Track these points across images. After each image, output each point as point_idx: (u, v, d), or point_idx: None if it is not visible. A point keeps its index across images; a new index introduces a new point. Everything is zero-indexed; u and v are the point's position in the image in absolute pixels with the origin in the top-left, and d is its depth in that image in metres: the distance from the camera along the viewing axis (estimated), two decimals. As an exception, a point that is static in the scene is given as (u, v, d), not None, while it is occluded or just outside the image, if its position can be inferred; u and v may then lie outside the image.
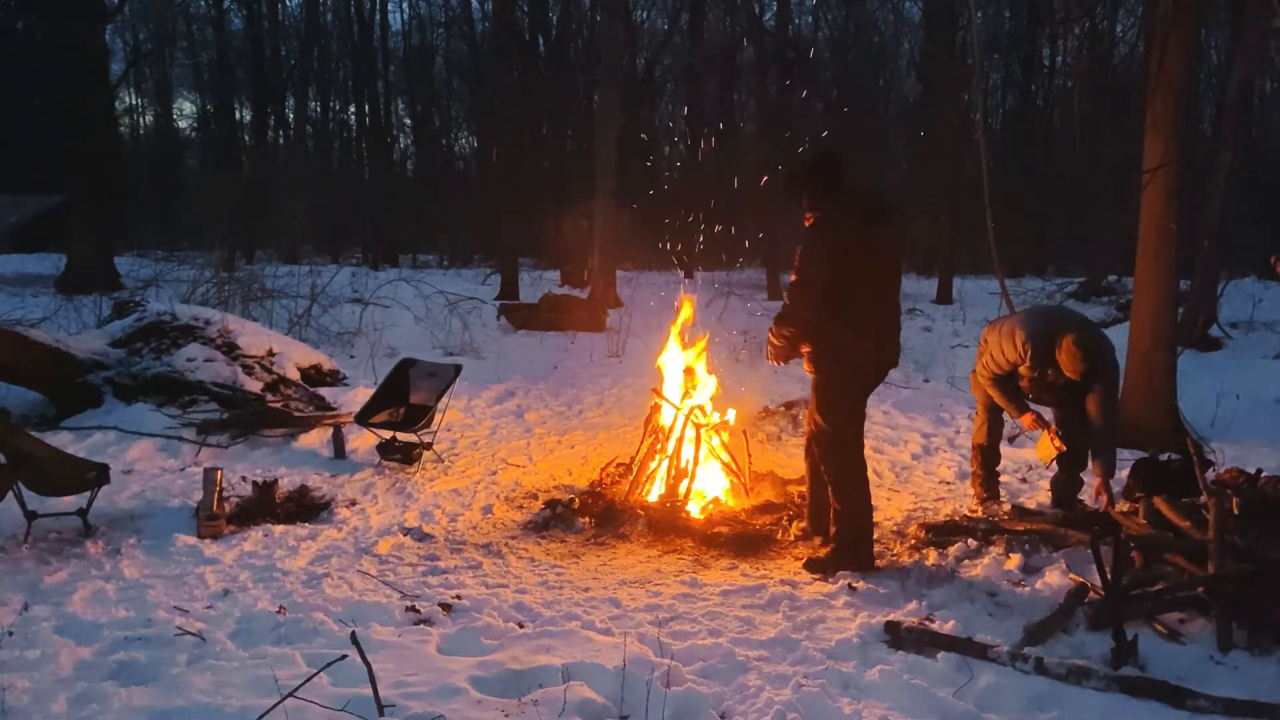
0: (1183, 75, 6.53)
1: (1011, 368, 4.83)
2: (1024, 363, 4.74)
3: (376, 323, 11.67)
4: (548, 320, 12.76)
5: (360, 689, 2.88)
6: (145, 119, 42.29)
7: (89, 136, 15.89)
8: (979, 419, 5.27)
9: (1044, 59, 27.47)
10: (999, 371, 4.89)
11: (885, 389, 8.69)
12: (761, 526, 4.78)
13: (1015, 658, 3.24)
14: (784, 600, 3.86)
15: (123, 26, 32.16)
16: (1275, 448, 6.47)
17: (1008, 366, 4.84)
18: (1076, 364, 4.52)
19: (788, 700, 2.98)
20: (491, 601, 3.82)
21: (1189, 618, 3.58)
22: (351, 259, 29.91)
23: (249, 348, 7.38)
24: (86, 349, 6.99)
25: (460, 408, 7.39)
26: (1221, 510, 3.66)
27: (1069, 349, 4.52)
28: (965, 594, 3.87)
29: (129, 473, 5.67)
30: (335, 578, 4.07)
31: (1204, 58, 18.89)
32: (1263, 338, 11.85)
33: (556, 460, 6.32)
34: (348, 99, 38.33)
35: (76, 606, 3.69)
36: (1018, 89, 30.44)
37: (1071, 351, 4.51)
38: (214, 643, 3.35)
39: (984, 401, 5.18)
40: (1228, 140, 9.67)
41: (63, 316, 10.49)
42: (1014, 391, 4.92)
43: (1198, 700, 2.98)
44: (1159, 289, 6.69)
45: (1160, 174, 6.51)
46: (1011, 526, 4.48)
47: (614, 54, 15.86)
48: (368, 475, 5.82)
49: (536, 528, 4.88)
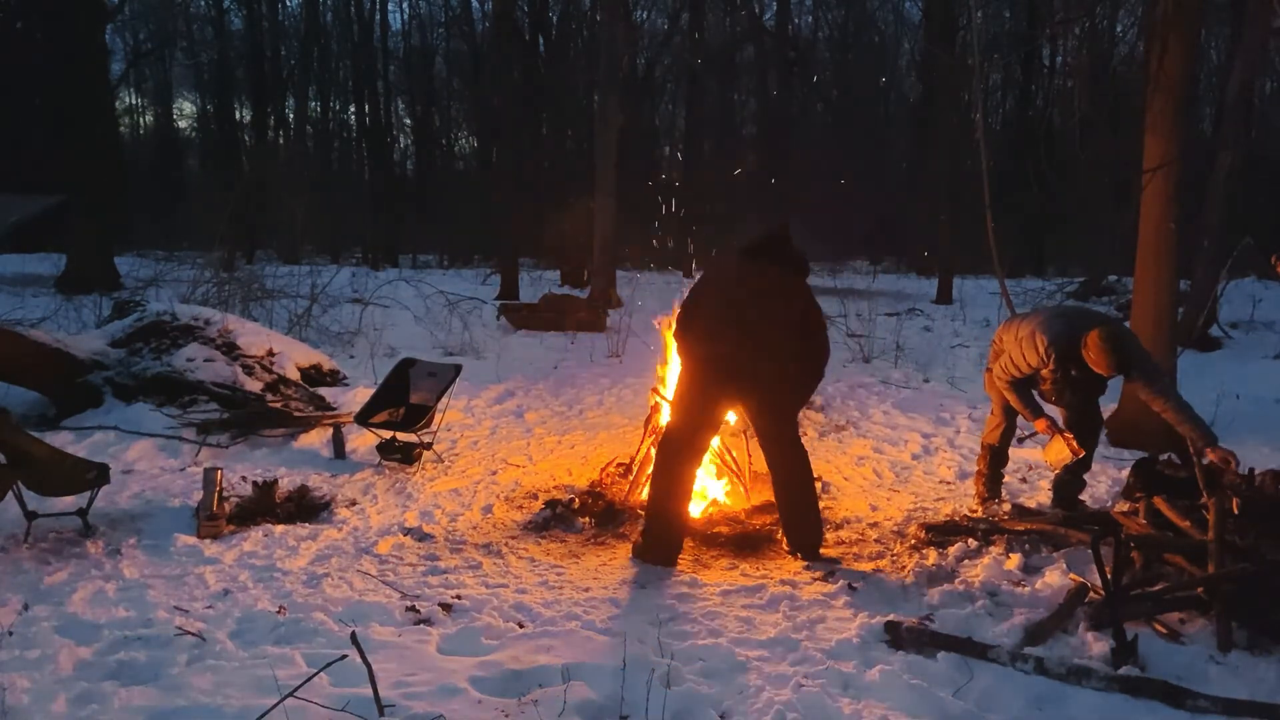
0: (1183, 75, 6.52)
1: (1032, 371, 4.79)
2: (1047, 366, 4.68)
3: (376, 323, 11.68)
4: (548, 320, 12.76)
5: (360, 689, 2.88)
6: (145, 119, 42.34)
7: (89, 136, 15.89)
8: (993, 420, 5.23)
9: (1044, 59, 27.49)
10: (1017, 375, 4.84)
11: (885, 389, 8.74)
12: (761, 526, 4.78)
13: (1015, 658, 3.24)
14: (784, 600, 3.86)
15: (123, 26, 32.24)
16: (1275, 448, 6.47)
17: (1028, 370, 4.79)
18: (1107, 359, 4.44)
19: (788, 700, 2.98)
20: (491, 601, 3.82)
21: (1189, 618, 3.58)
22: (351, 259, 29.92)
23: (249, 348, 7.37)
24: (86, 349, 6.98)
25: (460, 408, 7.39)
26: (1221, 510, 3.67)
27: (1096, 346, 4.45)
28: (965, 594, 3.87)
29: (129, 473, 5.67)
30: (335, 578, 4.07)
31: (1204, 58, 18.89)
32: (1263, 338, 11.86)
33: (556, 460, 6.32)
34: (348, 99, 38.38)
35: (76, 606, 3.69)
36: (1018, 89, 30.46)
37: (1100, 347, 4.44)
38: (214, 643, 3.35)
39: (999, 402, 5.15)
40: (1228, 140, 9.67)
41: (63, 316, 10.50)
42: (1030, 395, 4.90)
43: (1198, 700, 2.98)
44: (1159, 289, 6.69)
45: (1160, 174, 6.51)
46: (1011, 526, 4.48)
47: (614, 54, 15.86)
48: (368, 475, 5.82)
49: (536, 528, 4.88)
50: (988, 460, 5.26)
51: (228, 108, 37.52)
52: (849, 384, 8.80)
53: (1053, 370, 4.71)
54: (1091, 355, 4.48)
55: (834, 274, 23.83)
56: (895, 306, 16.36)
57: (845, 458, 6.43)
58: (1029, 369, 4.77)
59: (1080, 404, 4.89)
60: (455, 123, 39.71)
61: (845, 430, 7.18)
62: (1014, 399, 4.92)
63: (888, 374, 9.65)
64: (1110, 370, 4.50)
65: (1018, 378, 4.85)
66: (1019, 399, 4.89)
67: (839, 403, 7.96)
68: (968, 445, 6.72)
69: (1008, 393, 4.93)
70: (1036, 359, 4.69)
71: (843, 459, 6.40)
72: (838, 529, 4.92)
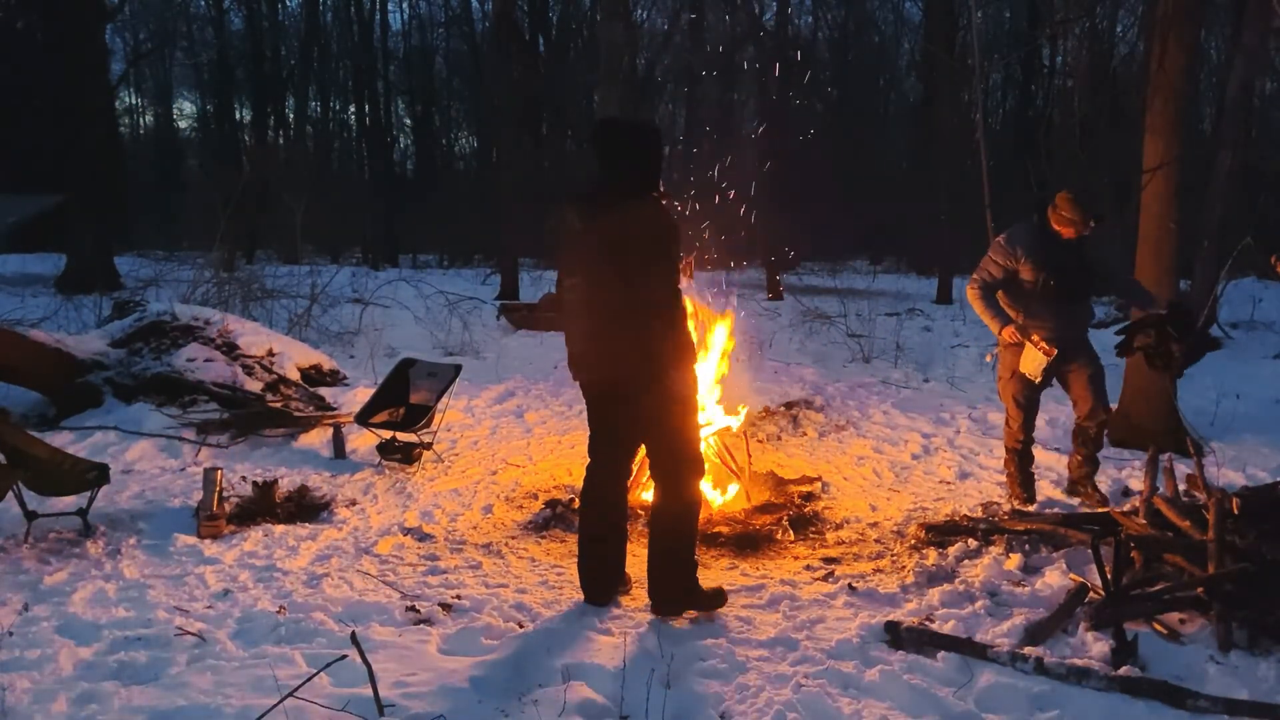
0: (1183, 75, 6.52)
1: (1004, 273, 4.90)
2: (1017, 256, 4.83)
3: (376, 323, 11.68)
4: (548, 320, 12.74)
5: (360, 689, 2.88)
6: (145, 119, 42.38)
7: (89, 136, 15.90)
8: (1012, 422, 5.20)
9: (1044, 59, 27.49)
10: (988, 279, 4.95)
11: (885, 389, 8.74)
12: (761, 526, 4.78)
13: (1015, 658, 3.24)
14: (784, 600, 3.86)
15: (123, 26, 32.19)
16: (1275, 448, 6.47)
17: (998, 272, 4.91)
18: (1075, 209, 4.65)
19: (788, 700, 2.98)
20: (492, 601, 3.82)
21: (1189, 618, 3.58)
22: (351, 259, 29.93)
23: (249, 348, 7.37)
24: (86, 349, 6.99)
25: (460, 408, 7.39)
26: (1221, 510, 3.67)
27: (1065, 201, 4.66)
28: (965, 594, 3.87)
29: (129, 473, 5.67)
30: (335, 578, 4.07)
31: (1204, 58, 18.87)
32: (1263, 338, 11.86)
33: (556, 460, 6.32)
34: (348, 99, 38.40)
35: (76, 606, 3.69)
36: (1018, 89, 30.47)
37: (1068, 201, 4.65)
38: (214, 643, 3.35)
39: (1016, 402, 5.13)
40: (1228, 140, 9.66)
41: (63, 316, 10.50)
42: (995, 303, 4.97)
43: (1198, 700, 2.98)
44: (1159, 289, 6.65)
45: (1160, 174, 6.51)
46: (1011, 526, 4.48)
47: (614, 54, 15.85)
48: (368, 475, 5.82)
49: (536, 527, 4.88)
50: (1015, 463, 5.25)
51: (228, 108, 37.58)
52: (849, 384, 8.80)
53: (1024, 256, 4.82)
54: (1064, 213, 4.69)
55: (834, 274, 23.85)
56: (895, 306, 16.36)
57: (845, 458, 6.43)
58: (1000, 268, 4.90)
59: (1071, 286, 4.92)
60: (455, 123, 39.75)
61: (845, 430, 7.18)
62: (980, 308, 4.98)
63: (888, 374, 9.65)
64: (1083, 218, 4.66)
65: (987, 282, 4.95)
66: (985, 306, 4.96)
67: (839, 403, 7.96)
68: (968, 445, 6.72)
69: (975, 303, 5.01)
70: (1005, 253, 4.84)
71: (843, 459, 6.40)
72: (838, 529, 4.92)
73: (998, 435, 7.02)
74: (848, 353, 10.93)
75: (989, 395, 8.55)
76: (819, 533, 4.85)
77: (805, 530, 4.85)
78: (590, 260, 3.55)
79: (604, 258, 3.49)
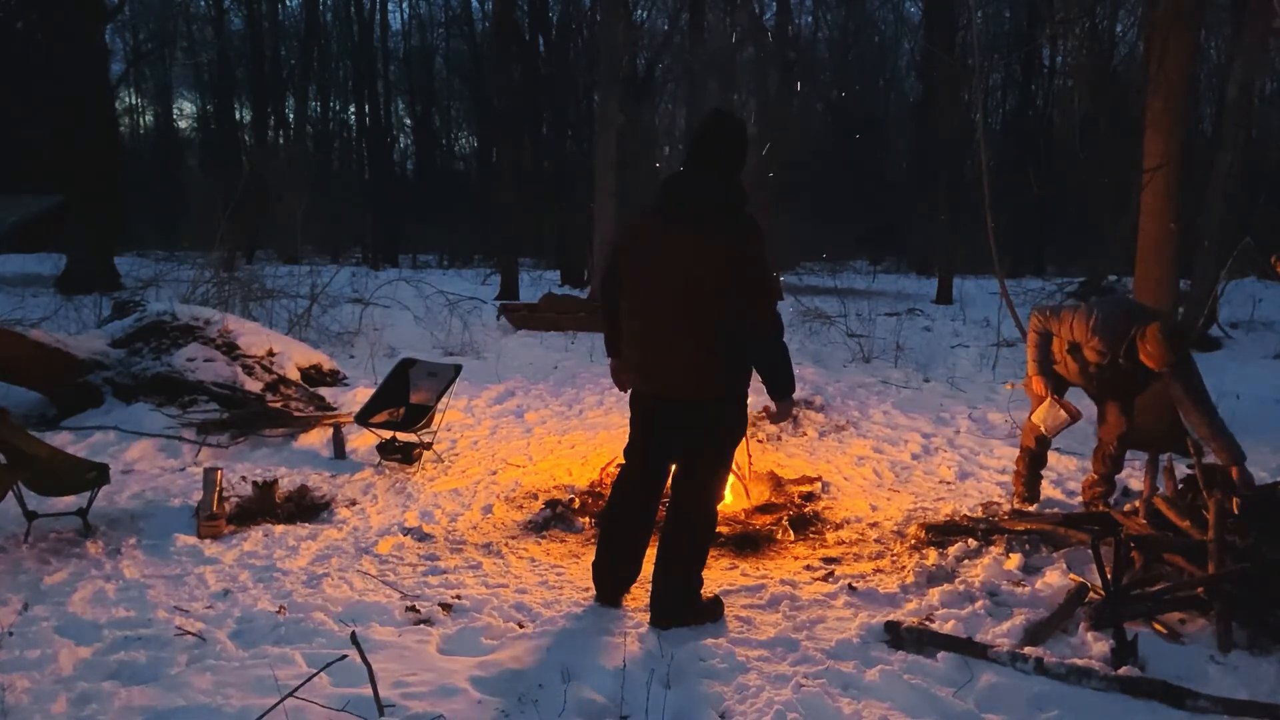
0: (1183, 75, 6.53)
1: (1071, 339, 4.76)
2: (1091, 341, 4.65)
3: (376, 323, 11.69)
4: (548, 320, 12.76)
5: (360, 689, 2.88)
6: (145, 119, 42.40)
7: (89, 136, 15.90)
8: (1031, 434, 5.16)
9: (1044, 59, 27.50)
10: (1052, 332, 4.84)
11: (885, 389, 8.74)
12: (761, 526, 4.78)
13: (1015, 658, 3.24)
14: (784, 600, 3.85)
15: (123, 26, 32.18)
16: (1275, 448, 6.47)
17: (1069, 337, 4.77)
18: (1163, 353, 4.41)
19: (788, 700, 2.98)
20: (491, 601, 3.82)
21: (1189, 618, 3.58)
22: (351, 259, 29.95)
23: (249, 348, 7.37)
24: (86, 349, 6.98)
25: (460, 408, 7.39)
26: (1221, 510, 3.67)
27: (1155, 338, 4.41)
28: (965, 594, 3.87)
29: (129, 473, 5.67)
30: (335, 578, 4.07)
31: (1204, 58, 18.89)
32: (1263, 338, 11.88)
33: (556, 460, 6.32)
34: (348, 99, 38.44)
35: (76, 606, 3.68)
36: (1018, 89, 30.49)
37: (1159, 340, 4.40)
38: (214, 643, 3.35)
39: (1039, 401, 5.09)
40: (1228, 140, 9.67)
41: (63, 316, 10.51)
42: (1047, 352, 4.89)
43: (1198, 700, 2.98)
44: (1159, 289, 6.68)
45: (1160, 174, 6.51)
46: (1011, 526, 4.48)
47: (614, 54, 15.86)
48: (368, 475, 5.82)
49: (536, 528, 4.88)
50: (1026, 462, 5.22)
51: (228, 108, 37.54)
52: (849, 384, 8.81)
53: (1098, 348, 4.65)
54: (1149, 347, 4.44)
55: (834, 274, 23.85)
56: (895, 306, 16.37)
57: (845, 458, 6.43)
58: (1070, 337, 4.76)
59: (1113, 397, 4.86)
60: (455, 123, 39.78)
61: (845, 430, 7.18)
62: (1032, 350, 4.92)
63: (888, 374, 9.65)
64: (1162, 365, 4.45)
65: (1049, 334, 4.86)
66: (1036, 351, 4.89)
67: (839, 403, 7.96)
68: (968, 445, 6.72)
69: (1030, 337, 4.93)
70: (1084, 331, 4.66)
71: (843, 459, 6.40)
72: (838, 529, 4.92)
73: (998, 435, 7.03)
74: (848, 353, 10.93)
75: (989, 395, 8.57)
76: (819, 533, 4.85)
77: (805, 530, 4.85)
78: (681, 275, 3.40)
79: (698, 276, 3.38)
